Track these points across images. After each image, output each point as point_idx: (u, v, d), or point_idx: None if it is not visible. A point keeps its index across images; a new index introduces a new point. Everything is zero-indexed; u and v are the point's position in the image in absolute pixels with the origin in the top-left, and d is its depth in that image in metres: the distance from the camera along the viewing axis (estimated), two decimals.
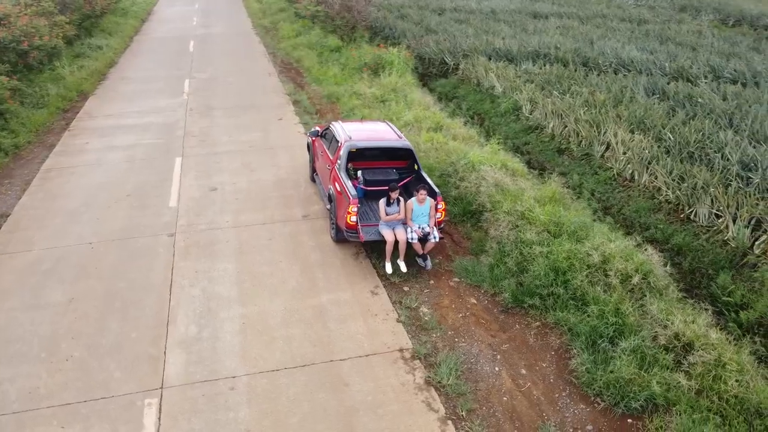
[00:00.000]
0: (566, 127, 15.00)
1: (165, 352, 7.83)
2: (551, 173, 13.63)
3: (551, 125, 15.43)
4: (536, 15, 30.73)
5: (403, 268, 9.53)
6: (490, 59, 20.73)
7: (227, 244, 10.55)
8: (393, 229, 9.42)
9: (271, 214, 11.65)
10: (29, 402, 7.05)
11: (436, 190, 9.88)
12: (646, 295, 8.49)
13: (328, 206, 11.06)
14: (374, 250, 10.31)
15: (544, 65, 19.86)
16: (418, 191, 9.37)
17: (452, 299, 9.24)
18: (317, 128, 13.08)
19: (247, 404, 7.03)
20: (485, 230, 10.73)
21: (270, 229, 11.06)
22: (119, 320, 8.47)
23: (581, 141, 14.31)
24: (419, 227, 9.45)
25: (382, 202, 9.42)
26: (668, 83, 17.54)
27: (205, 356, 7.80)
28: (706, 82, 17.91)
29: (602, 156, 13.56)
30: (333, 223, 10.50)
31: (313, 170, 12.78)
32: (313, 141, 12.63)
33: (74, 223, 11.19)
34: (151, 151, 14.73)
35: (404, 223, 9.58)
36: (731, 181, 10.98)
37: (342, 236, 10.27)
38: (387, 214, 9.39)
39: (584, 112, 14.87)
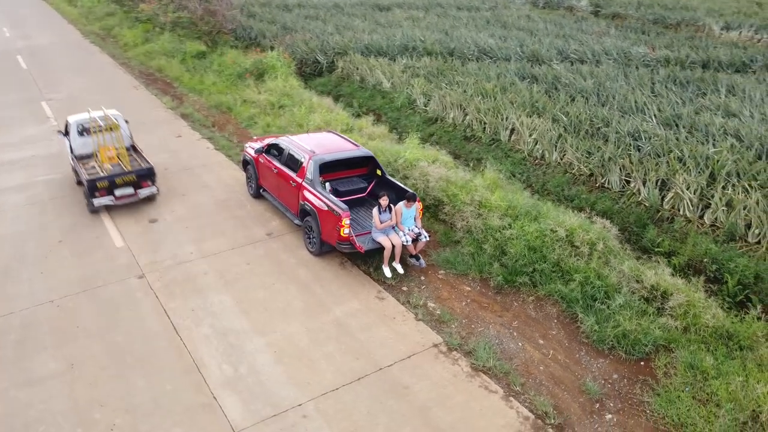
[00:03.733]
0: (467, 115, 16.40)
1: (215, 398, 7.62)
2: (467, 161, 14.98)
3: (451, 115, 16.74)
4: (380, 7, 32.10)
5: (400, 269, 10.09)
6: (367, 56, 21.50)
7: (207, 276, 10.20)
8: (387, 235, 9.92)
9: (233, 238, 11.39)
10: None
11: (414, 192, 10.50)
12: (610, 258, 10.06)
13: (298, 222, 11.15)
14: (356, 256, 10.69)
15: (420, 58, 21.17)
16: (407, 197, 9.96)
17: (449, 291, 10.04)
18: (254, 144, 12.92)
19: (328, 428, 7.21)
20: (449, 222, 11.63)
21: (242, 254, 10.86)
22: (142, 376, 7.98)
23: (485, 127, 15.79)
24: (410, 230, 10.06)
25: (376, 210, 9.85)
26: (532, 67, 19.82)
27: (257, 392, 7.73)
28: (558, 63, 20.55)
29: (509, 140, 15.15)
30: (313, 238, 10.65)
31: (259, 187, 12.61)
32: (256, 158, 12.44)
33: (16, 283, 9.95)
34: (55, 189, 13.29)
35: (393, 227, 10.12)
36: (630, 150, 13.08)
37: (327, 249, 10.52)
38: (381, 222, 9.84)
39: (481, 101, 16.36)
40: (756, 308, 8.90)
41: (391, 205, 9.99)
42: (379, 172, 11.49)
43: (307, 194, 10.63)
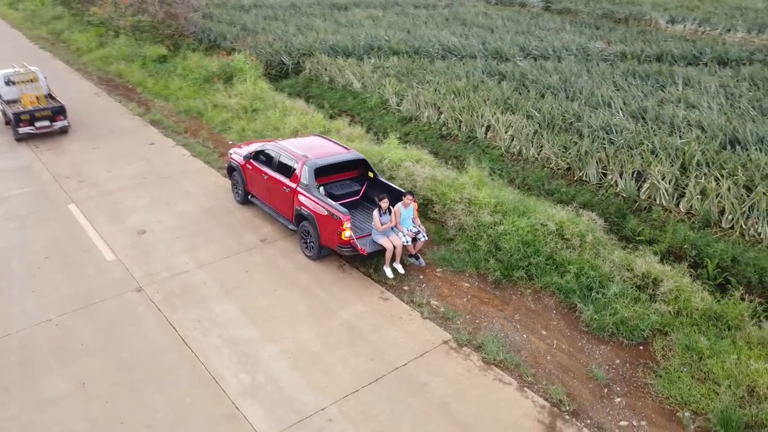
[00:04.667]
0: (442, 114, 16.68)
1: (237, 408, 7.63)
2: (445, 159, 15.27)
3: (426, 114, 16.99)
4: (338, 6, 32.03)
5: (401, 270, 10.28)
6: (333, 57, 21.51)
7: (206, 285, 10.13)
8: (388, 237, 10.08)
9: (226, 245, 11.32)
10: None
11: (410, 190, 10.69)
12: (599, 249, 10.52)
13: (293, 227, 11.18)
14: (354, 259, 10.79)
15: (387, 58, 21.33)
16: (405, 197, 10.16)
17: (448, 288, 10.29)
18: (239, 150, 12.85)
19: (354, 430, 7.34)
20: (440, 221, 11.87)
21: (239, 261, 10.82)
22: (159, 391, 7.90)
23: (460, 125, 16.11)
24: (408, 230, 10.25)
25: (376, 213, 9.99)
26: (498, 65, 20.27)
27: (278, 399, 7.78)
28: (522, 60, 21.08)
29: (486, 137, 15.52)
30: (310, 243, 10.71)
31: (247, 193, 12.54)
32: (243, 164, 12.36)
33: (7, 303, 9.60)
34: (31, 203, 12.86)
35: (392, 228, 10.28)
36: (604, 144, 13.63)
37: (325, 252, 10.61)
38: (382, 224, 10.00)
39: (455, 100, 16.67)
40: (738, 289, 9.49)
41: (390, 207, 10.15)
42: (371, 175, 11.63)
43: (303, 199, 10.67)
